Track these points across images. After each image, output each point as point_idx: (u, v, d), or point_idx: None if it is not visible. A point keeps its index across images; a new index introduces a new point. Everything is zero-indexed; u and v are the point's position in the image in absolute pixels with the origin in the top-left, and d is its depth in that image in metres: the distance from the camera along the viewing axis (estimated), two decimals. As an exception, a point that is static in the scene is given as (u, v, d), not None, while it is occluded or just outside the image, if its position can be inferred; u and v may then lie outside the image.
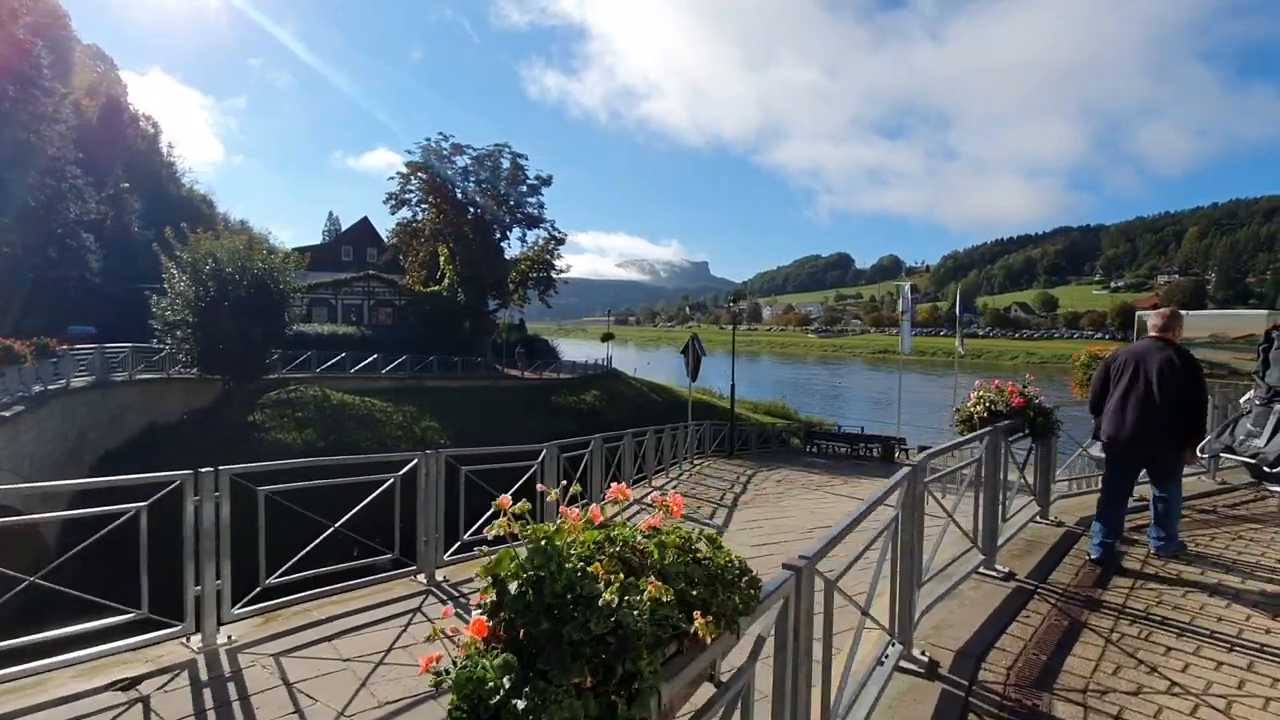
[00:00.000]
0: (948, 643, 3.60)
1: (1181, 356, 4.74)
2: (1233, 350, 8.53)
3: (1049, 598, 4.22)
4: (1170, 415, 4.64)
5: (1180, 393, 4.63)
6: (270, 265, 22.86)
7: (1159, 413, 4.65)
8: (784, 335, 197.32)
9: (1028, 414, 5.03)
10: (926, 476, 3.65)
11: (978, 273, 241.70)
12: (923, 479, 3.37)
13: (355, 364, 31.41)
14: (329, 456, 15.82)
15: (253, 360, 22.97)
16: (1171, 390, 4.64)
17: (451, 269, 41.47)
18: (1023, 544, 5.22)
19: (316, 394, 27.18)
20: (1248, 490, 7.04)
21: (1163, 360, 4.70)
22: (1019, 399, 4.95)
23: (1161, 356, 4.73)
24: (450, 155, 40.81)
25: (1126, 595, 4.25)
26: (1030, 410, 5.03)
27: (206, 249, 21.69)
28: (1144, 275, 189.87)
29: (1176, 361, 4.69)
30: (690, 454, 16.79)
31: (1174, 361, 4.69)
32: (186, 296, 21.43)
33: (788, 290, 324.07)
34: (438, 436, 28.37)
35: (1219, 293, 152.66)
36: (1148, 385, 4.70)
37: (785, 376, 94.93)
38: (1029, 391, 5.32)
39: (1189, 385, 4.65)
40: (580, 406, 37.80)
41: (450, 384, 34.17)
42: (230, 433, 23.29)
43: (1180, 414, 4.64)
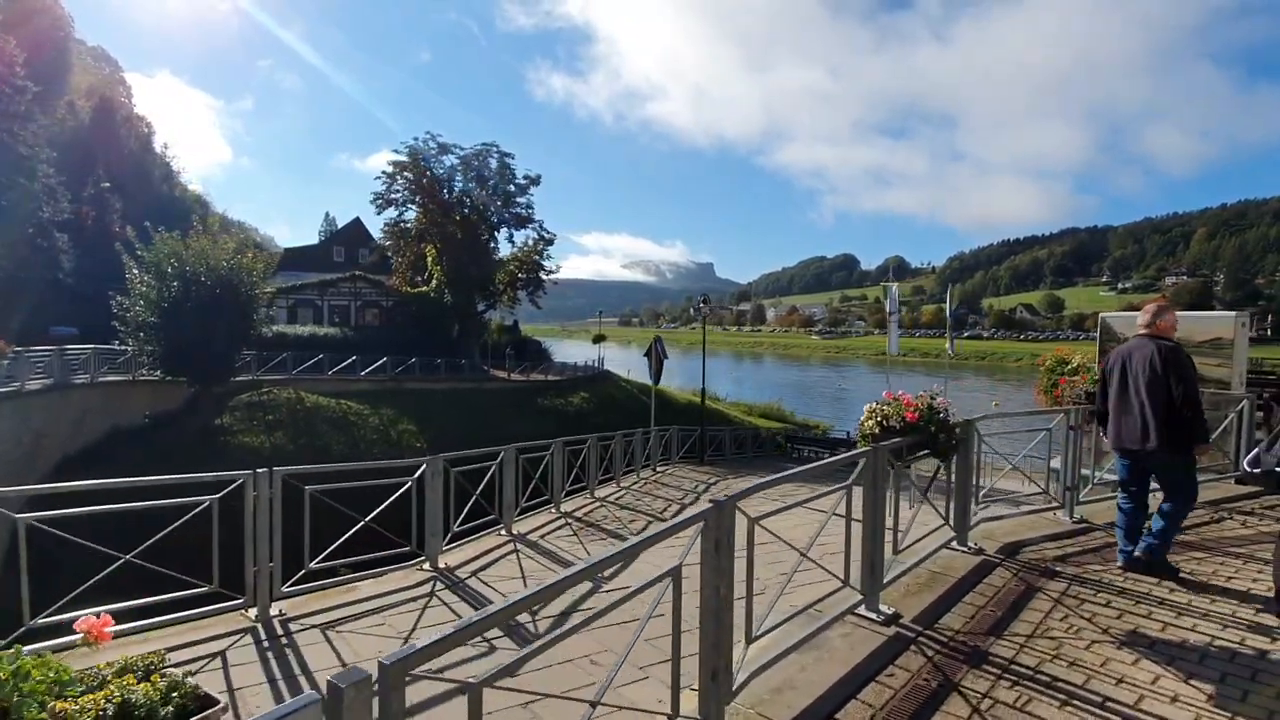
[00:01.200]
0: (779, 713, 2.97)
1: (1163, 352, 4.44)
2: (1198, 355, 7.81)
3: (928, 647, 3.57)
4: (1158, 417, 4.39)
5: (1166, 391, 4.36)
6: (238, 265, 22.32)
7: (1145, 415, 4.43)
8: (786, 337, 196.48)
9: (928, 429, 4.38)
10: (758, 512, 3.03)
11: (984, 274, 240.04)
12: (729, 520, 2.73)
13: (335, 366, 30.90)
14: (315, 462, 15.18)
15: (219, 362, 22.43)
16: (1159, 390, 4.39)
17: (439, 269, 40.98)
18: (925, 577, 4.57)
19: (290, 396, 26.66)
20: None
21: (1142, 358, 4.49)
22: (912, 413, 4.30)
23: (1142, 354, 4.51)
24: (437, 154, 40.36)
25: (1022, 645, 3.60)
26: (929, 424, 4.38)
27: (171, 249, 21.19)
28: (1151, 276, 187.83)
29: (1156, 358, 4.43)
30: (654, 460, 16.16)
31: (1154, 358, 4.43)
32: (149, 297, 20.95)
33: (793, 291, 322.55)
34: (414, 440, 27.84)
35: (1228, 294, 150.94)
36: (1132, 386, 4.51)
37: (786, 379, 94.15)
38: (937, 403, 4.68)
39: (1174, 382, 4.35)
40: (567, 409, 37.22)
41: (433, 386, 33.64)
42: (196, 436, 22.79)
43: (1170, 414, 4.36)
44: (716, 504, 2.68)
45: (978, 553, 5.05)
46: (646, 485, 13.17)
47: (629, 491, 12.07)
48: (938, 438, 4.42)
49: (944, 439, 4.44)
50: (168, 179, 62.81)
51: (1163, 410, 4.39)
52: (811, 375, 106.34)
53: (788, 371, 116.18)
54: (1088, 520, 5.89)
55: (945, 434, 4.46)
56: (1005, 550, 5.12)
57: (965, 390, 63.46)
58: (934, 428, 4.42)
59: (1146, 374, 4.45)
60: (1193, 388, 4.41)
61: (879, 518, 3.91)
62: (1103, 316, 8.89)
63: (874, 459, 3.87)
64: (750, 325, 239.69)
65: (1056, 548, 5.25)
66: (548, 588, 2.04)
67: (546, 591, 2.05)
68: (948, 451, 4.52)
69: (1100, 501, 6.38)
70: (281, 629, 4.65)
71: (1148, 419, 4.43)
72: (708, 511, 2.64)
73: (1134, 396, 4.52)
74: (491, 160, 40.84)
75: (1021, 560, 4.93)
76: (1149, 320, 4.72)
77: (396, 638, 4.61)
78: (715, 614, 2.69)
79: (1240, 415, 7.15)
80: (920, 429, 4.38)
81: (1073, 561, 4.92)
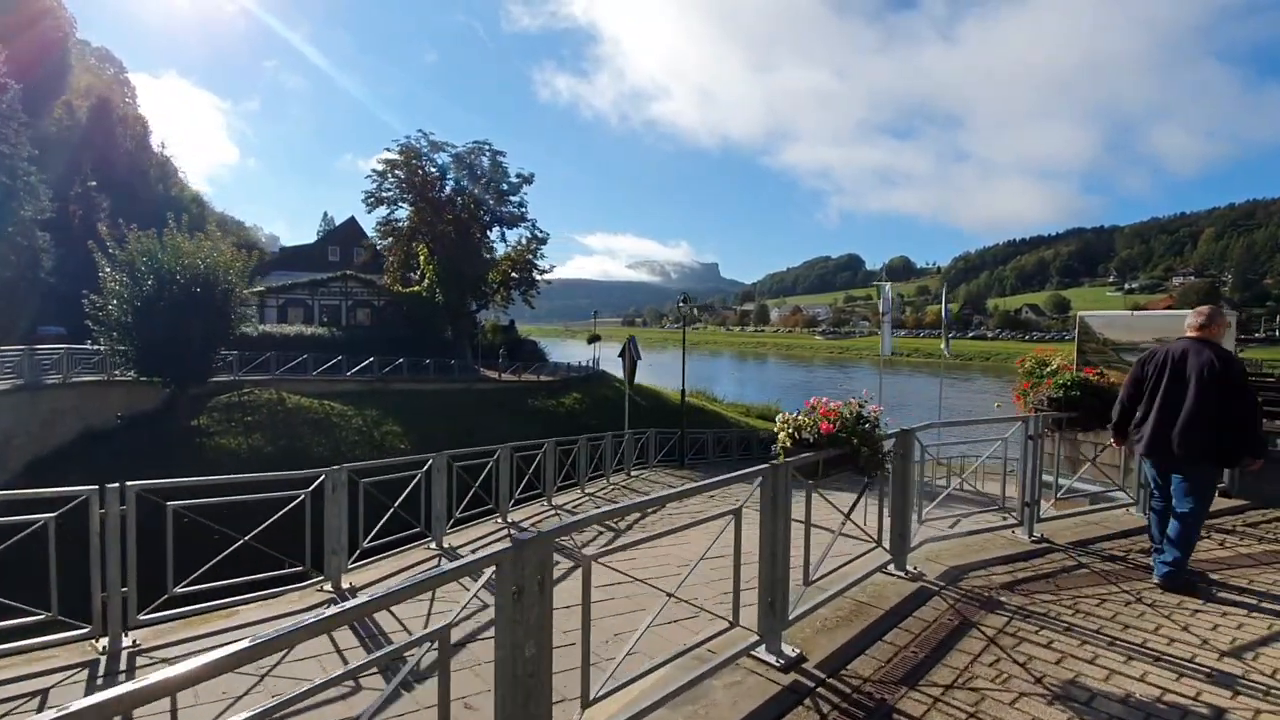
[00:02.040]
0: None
1: (1223, 360, 4.21)
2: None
3: (826, 701, 3.04)
4: (1208, 427, 4.17)
5: (1222, 402, 4.14)
6: (214, 263, 21.90)
7: (1195, 423, 4.20)
8: (790, 337, 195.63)
9: (849, 442, 3.84)
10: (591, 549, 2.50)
11: (989, 274, 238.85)
12: (538, 554, 2.20)
13: (321, 366, 30.46)
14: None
15: (195, 362, 22.00)
16: (1212, 398, 4.16)
17: (431, 269, 40.52)
18: (849, 609, 4.04)
19: (271, 397, 26.24)
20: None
21: (1198, 363, 4.22)
22: (828, 424, 3.76)
23: (1197, 359, 4.24)
24: (429, 152, 39.92)
25: (936, 699, 3.06)
26: (851, 436, 3.84)
27: (145, 247, 20.79)
28: (1158, 277, 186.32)
29: (1217, 365, 4.18)
30: (629, 464, 15.64)
31: (1214, 364, 4.18)
32: (121, 295, 20.57)
33: (797, 292, 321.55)
34: (398, 441, 27.38)
35: (1235, 294, 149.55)
36: (1183, 391, 4.25)
37: (790, 379, 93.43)
38: (868, 411, 4.14)
39: (1233, 393, 4.14)
40: (558, 410, 36.76)
41: (420, 386, 33.17)
42: (171, 438, 22.37)
43: (1223, 426, 4.15)
44: (517, 541, 2.15)
45: (915, 579, 4.50)
46: (611, 492, 12.64)
47: (591, 499, 11.55)
48: (860, 451, 3.88)
49: (868, 453, 3.90)
50: (164, 179, 62.59)
51: (1211, 419, 4.17)
52: (816, 376, 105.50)
53: (791, 372, 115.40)
54: (1049, 540, 5.33)
55: (870, 447, 3.92)
56: (948, 576, 4.58)
57: (974, 391, 62.66)
58: (857, 440, 3.88)
59: (1200, 380, 4.18)
60: (1253, 398, 4.26)
61: (780, 545, 3.38)
62: (1081, 315, 8.34)
63: (772, 478, 3.34)
64: (754, 326, 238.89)
65: (1007, 572, 4.70)
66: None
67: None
68: (871, 467, 3.97)
69: (1067, 518, 5.83)
70: (128, 662, 4.24)
71: (1192, 425, 4.20)
72: (502, 553, 2.12)
73: (1179, 401, 4.27)
74: (483, 158, 40.39)
75: (964, 588, 4.39)
76: (1204, 322, 4.45)
77: (254, 674, 4.09)
78: (519, 682, 2.16)
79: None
80: (840, 441, 3.84)
81: (1021, 590, 4.38)
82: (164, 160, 67.72)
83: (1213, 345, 4.35)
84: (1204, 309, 4.57)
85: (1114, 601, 4.16)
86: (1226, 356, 4.28)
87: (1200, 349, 4.32)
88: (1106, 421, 5.67)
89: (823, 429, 3.74)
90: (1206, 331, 4.43)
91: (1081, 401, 5.57)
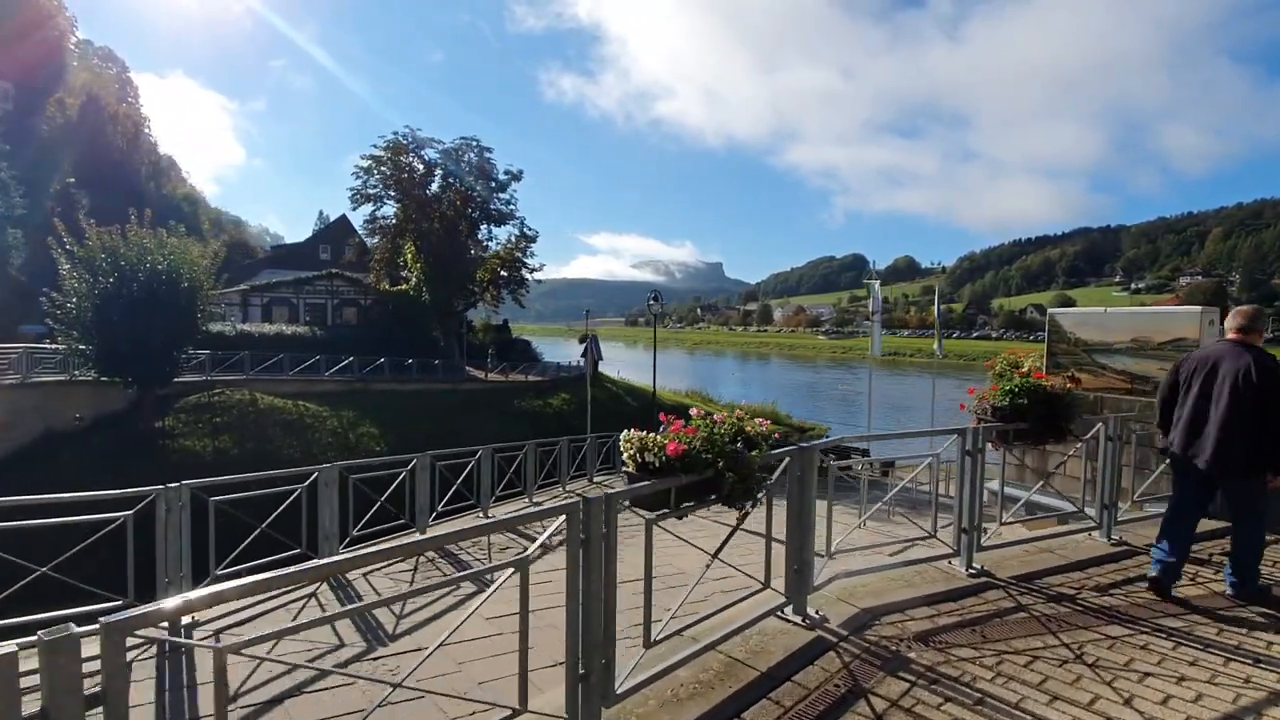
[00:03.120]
0: None
1: (1262, 366, 4.00)
2: (1158, 359, 6.47)
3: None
4: (1245, 434, 3.96)
5: (1259, 410, 3.93)
6: (178, 260, 21.26)
7: (1231, 431, 3.97)
8: (793, 337, 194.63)
9: (714, 465, 3.08)
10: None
11: (994, 274, 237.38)
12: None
13: (298, 366, 29.79)
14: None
15: (157, 361, 21.35)
16: (1248, 404, 3.94)
17: (418, 267, 39.85)
18: (719, 667, 3.27)
19: (243, 398, 25.58)
20: None
21: (1240, 368, 4.00)
22: (676, 444, 3.00)
23: (1239, 364, 4.02)
24: (415, 148, 39.23)
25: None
26: (717, 458, 3.08)
27: (104, 243, 20.17)
28: (1165, 277, 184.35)
29: (1254, 371, 3.97)
30: (591, 470, 14.90)
31: (1250, 370, 3.97)
32: (81, 293, 19.96)
33: (801, 291, 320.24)
34: (374, 444, 26.74)
35: (1243, 294, 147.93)
36: (1219, 397, 4.05)
37: (793, 380, 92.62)
38: (753, 426, 3.39)
39: (1271, 401, 3.92)
40: (545, 411, 36.11)
41: (403, 387, 32.53)
42: (134, 440, 21.74)
43: (1263, 434, 3.93)
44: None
45: (814, 625, 3.73)
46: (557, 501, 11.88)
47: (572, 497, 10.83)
48: (724, 477, 3.12)
49: (734, 480, 3.13)
50: (156, 177, 62.18)
51: (1246, 427, 3.95)
52: (820, 376, 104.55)
53: (794, 372, 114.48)
54: (989, 573, 4.55)
55: (740, 472, 3.15)
56: (856, 622, 3.81)
57: (977, 392, 61.36)
58: (722, 463, 3.12)
59: (1243, 388, 3.97)
60: None
61: (595, 601, 2.62)
62: (1051, 313, 7.56)
63: (587, 515, 2.59)
64: (757, 325, 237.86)
65: (929, 616, 3.93)
66: None
67: None
68: (737, 497, 3.21)
69: (1014, 545, 5.05)
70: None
71: (1237, 436, 3.97)
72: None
73: (1216, 408, 4.06)
74: (470, 155, 39.69)
75: (871, 639, 3.62)
76: (1243, 324, 4.25)
77: None
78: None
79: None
80: (700, 464, 3.08)
81: (939, 642, 3.61)
82: (157, 159, 67.37)
83: (1254, 350, 4.12)
84: (1246, 309, 4.36)
85: (1047, 660, 3.39)
86: (1266, 362, 4.02)
87: (1239, 353, 4.09)
88: (1061, 433, 4.93)
89: (670, 450, 2.98)
90: (1247, 335, 4.20)
91: (1031, 410, 4.79)
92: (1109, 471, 5.22)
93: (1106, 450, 5.23)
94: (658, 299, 21.10)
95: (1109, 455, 5.22)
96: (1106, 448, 5.23)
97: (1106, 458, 5.23)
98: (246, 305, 39.09)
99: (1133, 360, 6.63)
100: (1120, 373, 6.71)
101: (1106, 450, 5.23)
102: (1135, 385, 6.61)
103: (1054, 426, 4.86)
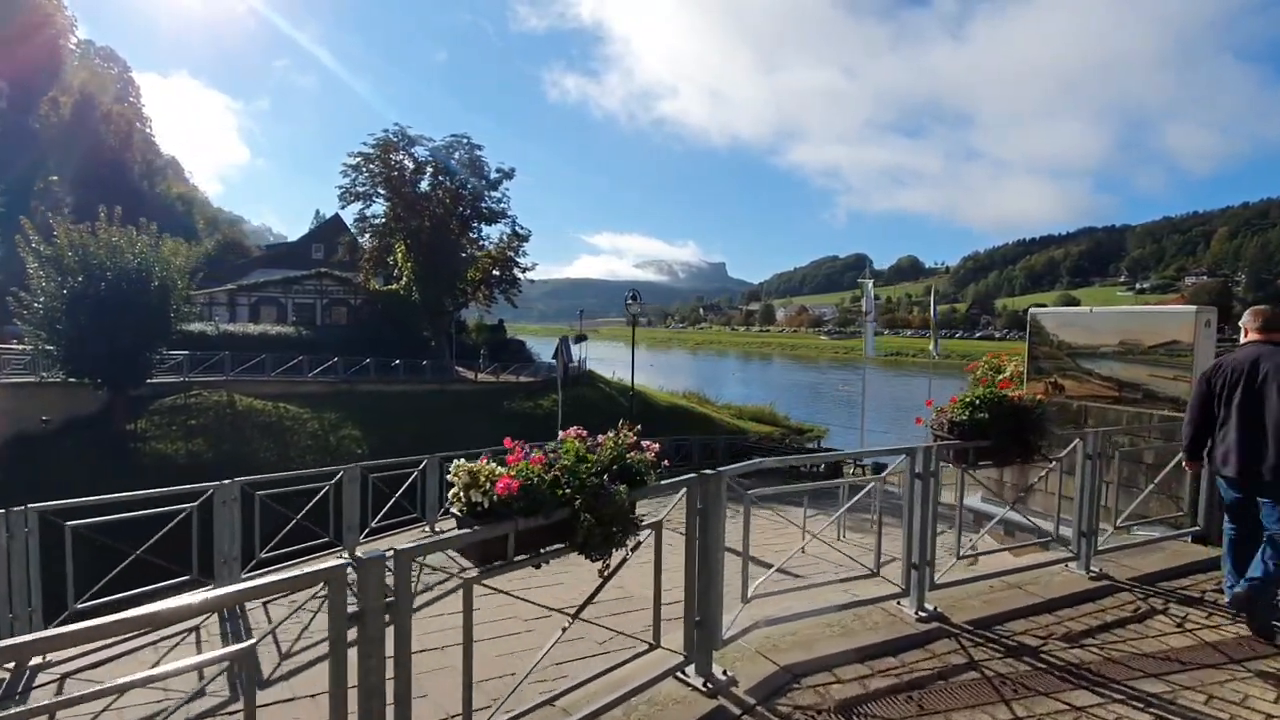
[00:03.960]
0: None
1: None
2: (1149, 364, 5.79)
3: None
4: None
5: None
6: (149, 259, 20.69)
7: (1272, 437, 3.69)
8: (795, 337, 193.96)
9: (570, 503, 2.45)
10: None
11: (998, 274, 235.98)
12: None
13: (280, 366, 29.22)
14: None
15: (127, 362, 20.79)
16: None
17: (408, 266, 39.25)
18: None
19: (220, 399, 25.02)
20: None
21: (1276, 367, 3.75)
22: (506, 481, 2.35)
23: (1274, 364, 3.77)
24: (405, 146, 38.61)
25: None
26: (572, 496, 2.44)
27: (72, 240, 19.63)
28: (1170, 277, 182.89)
29: None
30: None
31: None
32: (50, 292, 19.43)
33: (804, 291, 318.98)
34: (355, 446, 26.16)
35: (1249, 294, 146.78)
36: (1263, 404, 3.76)
37: (795, 380, 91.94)
38: (645, 455, 2.76)
39: None
40: (536, 412, 35.48)
41: (389, 388, 31.95)
42: (105, 442, 21.20)
43: None
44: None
45: (718, 691, 3.08)
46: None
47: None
48: (580, 522, 2.47)
49: (589, 524, 2.49)
50: (149, 176, 61.70)
51: None
52: (823, 377, 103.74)
53: (795, 373, 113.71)
54: (943, 617, 3.89)
55: (600, 514, 2.51)
56: (772, 684, 3.16)
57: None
58: (580, 501, 2.48)
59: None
60: None
61: (372, 695, 1.98)
62: (1033, 312, 6.88)
63: (366, 580, 1.95)
64: (759, 325, 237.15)
65: (860, 678, 3.27)
66: None
67: None
68: (595, 546, 2.57)
69: (977, 581, 4.38)
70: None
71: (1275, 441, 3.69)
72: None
73: (1261, 415, 3.77)
74: (460, 153, 39.05)
75: (782, 710, 2.98)
76: (1270, 323, 4.02)
77: None
78: None
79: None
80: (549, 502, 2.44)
81: (864, 713, 2.97)
82: (152, 158, 66.96)
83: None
84: (1263, 308, 4.17)
85: None
86: None
87: (1274, 353, 3.85)
88: (1030, 450, 4.27)
89: (499, 489, 2.34)
90: (1273, 334, 3.97)
91: (994, 425, 4.13)
92: (1088, 494, 4.56)
93: (1085, 470, 4.57)
94: (636, 298, 20.51)
95: (1088, 476, 4.56)
96: (1085, 467, 4.56)
97: (1086, 479, 4.56)
98: (234, 305, 38.56)
99: (1120, 365, 5.95)
100: (1107, 379, 6.04)
101: (1085, 470, 4.57)
102: (1124, 393, 5.94)
103: (1021, 443, 4.20)
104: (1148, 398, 5.77)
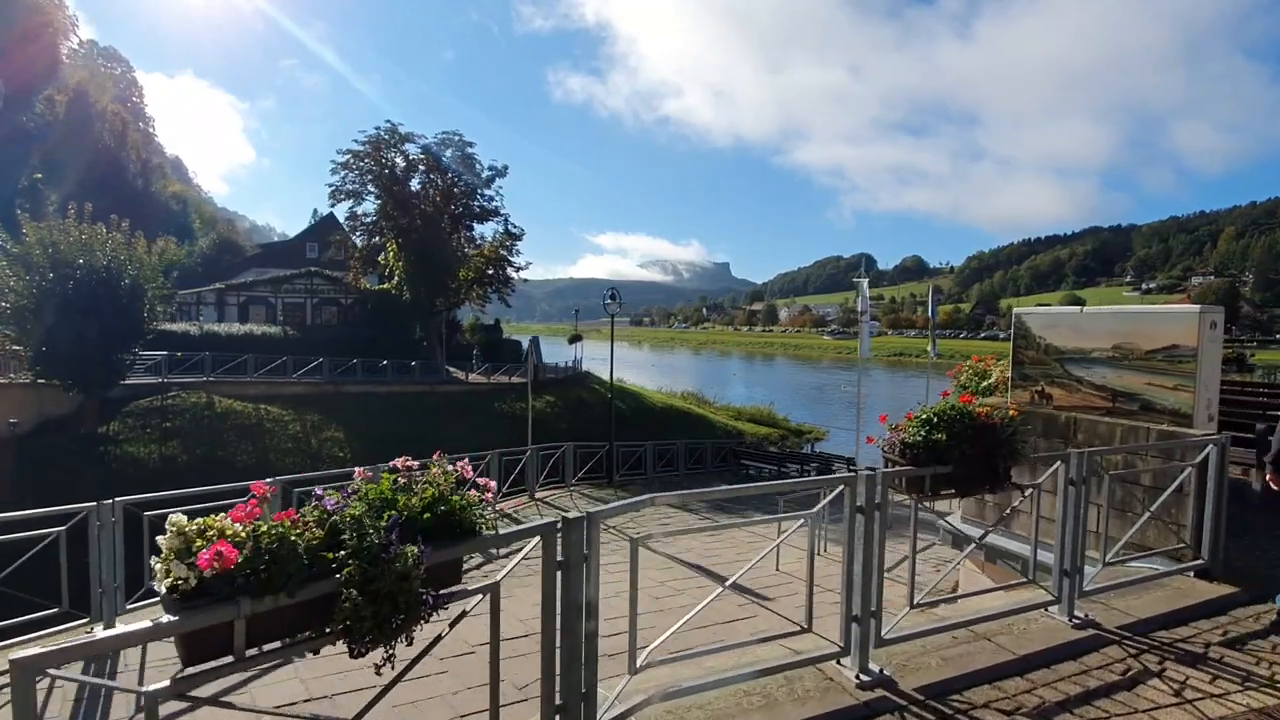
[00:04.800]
0: None
1: None
2: (1147, 371, 5.10)
3: None
4: None
5: None
6: (121, 257, 20.12)
7: None
8: (798, 337, 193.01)
9: (329, 574, 1.79)
10: None
11: (1003, 274, 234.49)
12: None
13: (264, 367, 28.63)
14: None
15: (97, 361, 20.21)
16: None
17: (399, 265, 38.67)
18: None
19: (199, 401, 24.42)
20: None
21: None
22: (217, 549, 1.69)
23: None
24: (396, 144, 38.02)
25: None
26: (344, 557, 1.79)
27: (42, 237, 19.08)
28: (1177, 277, 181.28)
29: None
30: (533, 483, 13.62)
31: None
32: (17, 290, 18.89)
33: (808, 291, 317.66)
34: (338, 449, 25.56)
35: (1256, 295, 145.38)
36: None
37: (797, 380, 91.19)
38: (470, 498, 2.10)
39: None
40: (526, 414, 34.85)
41: (376, 389, 31.34)
42: (76, 445, 20.62)
43: None
44: None
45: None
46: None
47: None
48: (353, 606, 1.80)
49: (355, 603, 1.81)
50: (145, 175, 61.28)
51: None
52: (825, 377, 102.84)
53: (797, 373, 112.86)
54: (891, 681, 3.20)
55: (371, 589, 1.84)
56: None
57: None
58: (350, 567, 1.81)
59: None
60: None
61: None
62: (1018, 313, 6.18)
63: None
64: (762, 325, 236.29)
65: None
66: None
67: None
68: (366, 630, 1.89)
69: (934, 634, 3.68)
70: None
71: None
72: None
73: None
74: (453, 150, 38.44)
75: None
76: None
77: None
78: None
79: (1203, 472, 4.42)
80: (296, 574, 1.77)
81: None
82: (148, 156, 66.53)
83: None
84: None
85: None
86: None
87: None
88: (999, 477, 3.58)
89: (200, 562, 1.66)
90: None
91: (954, 449, 3.43)
92: (1071, 526, 3.87)
93: (1069, 498, 3.87)
94: (615, 297, 19.85)
95: (1072, 505, 3.87)
96: (1069, 495, 3.87)
97: (1069, 508, 3.87)
98: (223, 305, 38.03)
99: (1114, 372, 5.25)
100: (1099, 388, 5.34)
101: (1069, 498, 3.87)
102: (1118, 404, 5.24)
103: (988, 469, 3.51)
104: (1145, 409, 5.07)
